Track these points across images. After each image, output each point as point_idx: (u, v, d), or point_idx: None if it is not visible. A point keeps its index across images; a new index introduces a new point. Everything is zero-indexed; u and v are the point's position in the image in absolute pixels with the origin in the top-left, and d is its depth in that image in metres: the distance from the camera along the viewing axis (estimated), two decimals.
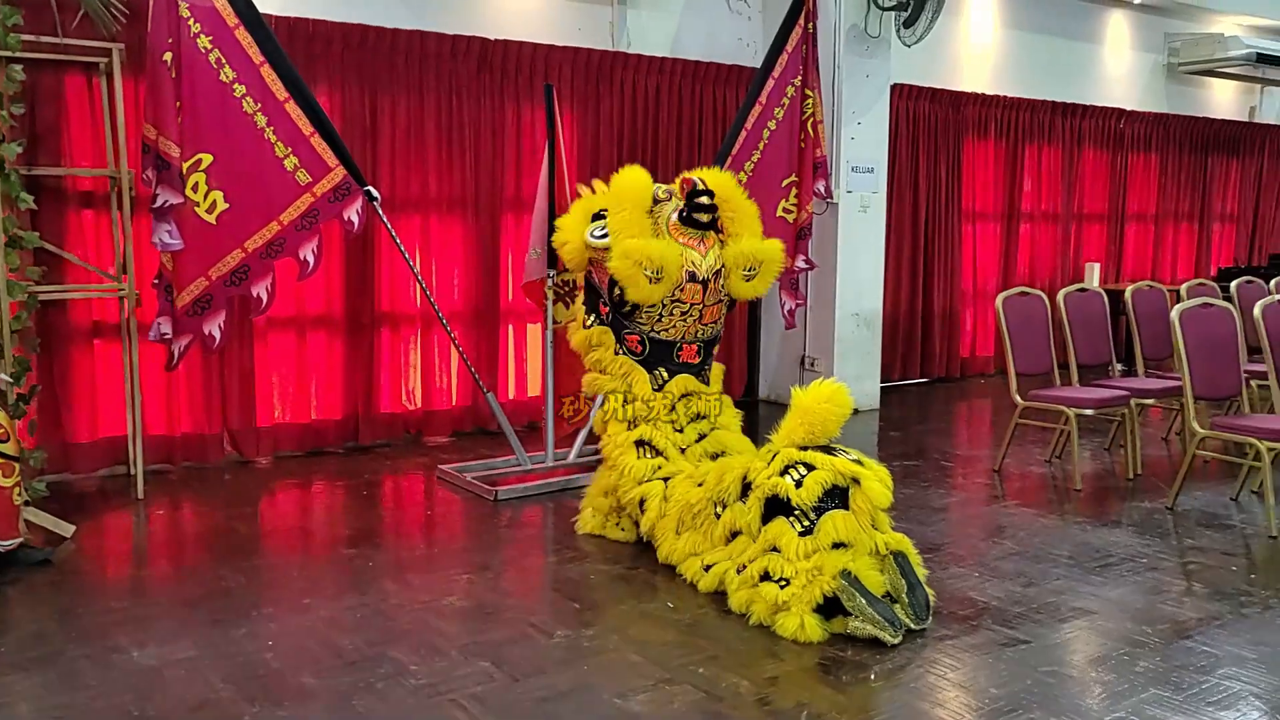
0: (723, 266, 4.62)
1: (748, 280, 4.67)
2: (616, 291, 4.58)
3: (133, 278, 5.26)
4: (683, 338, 4.66)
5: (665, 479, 4.43)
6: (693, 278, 4.53)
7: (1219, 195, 11.13)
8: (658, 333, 4.62)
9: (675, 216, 4.60)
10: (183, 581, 4.16)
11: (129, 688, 3.21)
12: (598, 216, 4.68)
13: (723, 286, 4.66)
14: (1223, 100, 11.13)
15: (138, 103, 5.25)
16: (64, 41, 5.03)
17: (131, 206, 5.28)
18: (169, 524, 4.96)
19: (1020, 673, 3.37)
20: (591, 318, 4.80)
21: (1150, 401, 6.24)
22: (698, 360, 4.72)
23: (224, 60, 4.89)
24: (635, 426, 4.58)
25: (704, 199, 4.57)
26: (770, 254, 4.69)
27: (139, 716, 3.03)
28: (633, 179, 4.69)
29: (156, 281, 5.04)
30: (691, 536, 4.20)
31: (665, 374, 4.65)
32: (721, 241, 4.65)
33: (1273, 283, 7.39)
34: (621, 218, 4.56)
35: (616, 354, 4.69)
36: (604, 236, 4.59)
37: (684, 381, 4.65)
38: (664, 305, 4.55)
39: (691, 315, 4.61)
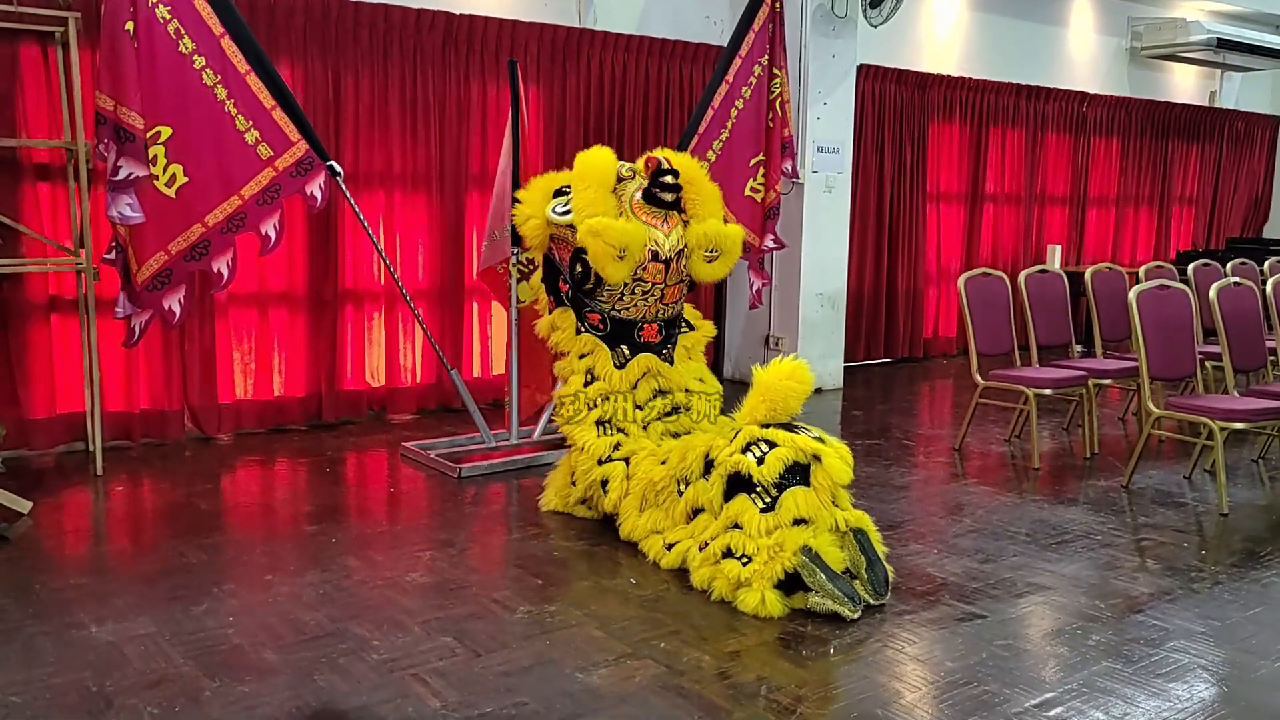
0: (685, 247, 4.63)
1: (709, 263, 4.68)
2: (578, 269, 4.57)
3: (90, 251, 5.19)
4: (643, 317, 4.66)
5: (626, 459, 4.45)
6: (655, 257, 4.53)
7: (1179, 179, 11.28)
8: (619, 311, 4.62)
9: (639, 195, 4.60)
10: (142, 558, 4.13)
11: (87, 664, 3.19)
12: (560, 193, 4.67)
13: (684, 267, 4.68)
14: (1184, 85, 11.26)
15: (94, 73, 5.16)
16: (19, 10, 4.93)
17: (89, 179, 5.20)
18: (128, 500, 4.91)
19: (976, 646, 3.43)
20: (551, 299, 4.80)
21: (1108, 382, 6.34)
22: (659, 339, 4.73)
23: (183, 31, 4.81)
24: (595, 407, 4.59)
25: (668, 178, 4.57)
26: (733, 241, 4.70)
27: (98, 693, 3.01)
28: (597, 157, 4.68)
29: (111, 256, 4.95)
30: (654, 514, 4.22)
31: (627, 352, 4.66)
32: (684, 222, 4.66)
33: (1229, 266, 7.51)
34: (586, 196, 4.55)
35: (579, 333, 4.69)
36: (567, 213, 4.58)
37: (646, 360, 4.66)
38: (626, 284, 4.55)
39: (653, 295, 4.62)
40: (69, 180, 5.32)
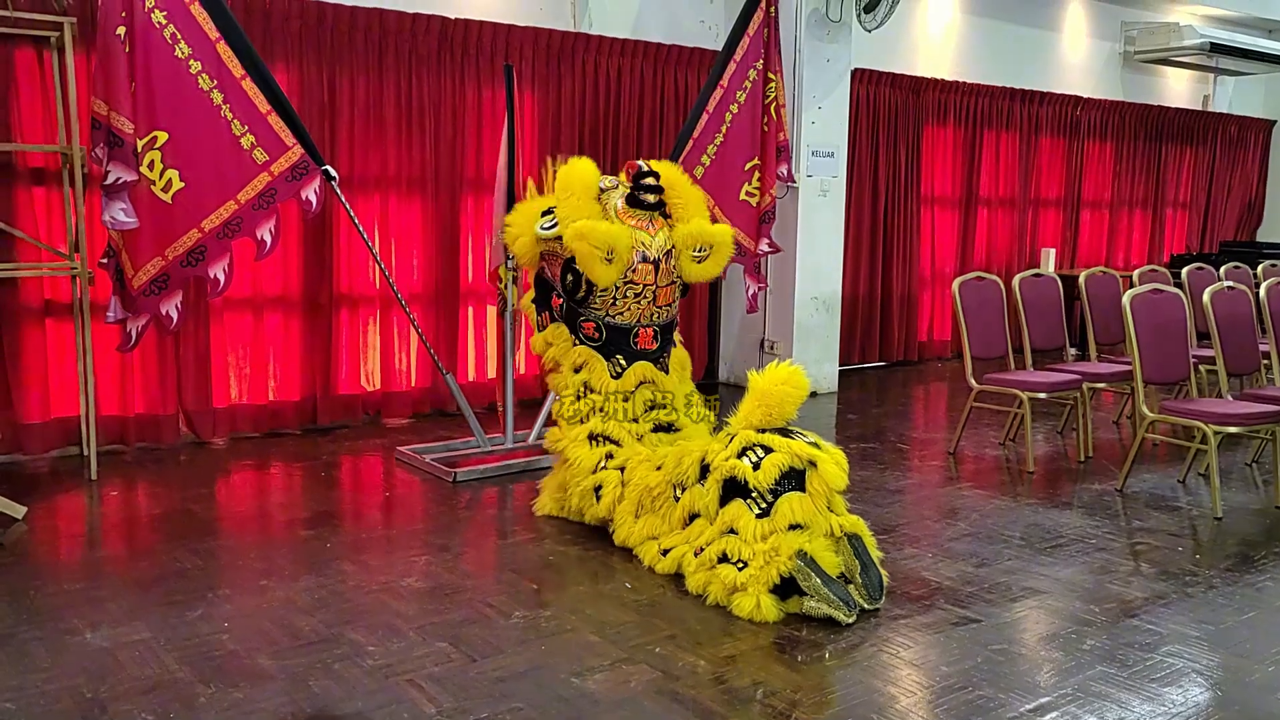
0: (673, 247, 4.65)
1: (698, 262, 4.70)
2: (569, 278, 4.59)
3: (85, 256, 5.18)
4: (638, 321, 4.67)
5: (620, 467, 4.45)
6: (644, 258, 4.57)
7: (1172, 183, 11.31)
8: (613, 317, 4.63)
9: (622, 201, 4.64)
10: (137, 563, 4.12)
11: (82, 670, 3.18)
12: (547, 213, 4.71)
13: (674, 268, 4.70)
14: (1177, 89, 11.29)
15: (90, 78, 5.16)
16: (14, 15, 4.93)
17: (84, 184, 5.20)
18: (123, 505, 4.90)
19: (971, 651, 3.44)
20: (545, 315, 4.81)
21: (1102, 385, 6.35)
22: (655, 346, 4.74)
23: (179, 36, 4.81)
24: (586, 421, 4.60)
25: (649, 179, 4.64)
26: (721, 237, 4.73)
27: (92, 699, 3.01)
28: (578, 168, 4.72)
29: (105, 261, 4.95)
30: (650, 520, 4.23)
31: (623, 361, 4.66)
32: (670, 225, 4.69)
33: (1222, 270, 7.53)
34: (570, 204, 4.58)
35: (574, 345, 4.69)
36: (553, 227, 4.61)
37: (642, 369, 4.67)
38: (617, 288, 4.57)
39: (645, 297, 4.64)
40: (64, 185, 5.32)
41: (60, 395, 5.52)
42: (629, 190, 4.66)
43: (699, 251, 4.67)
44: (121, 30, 4.67)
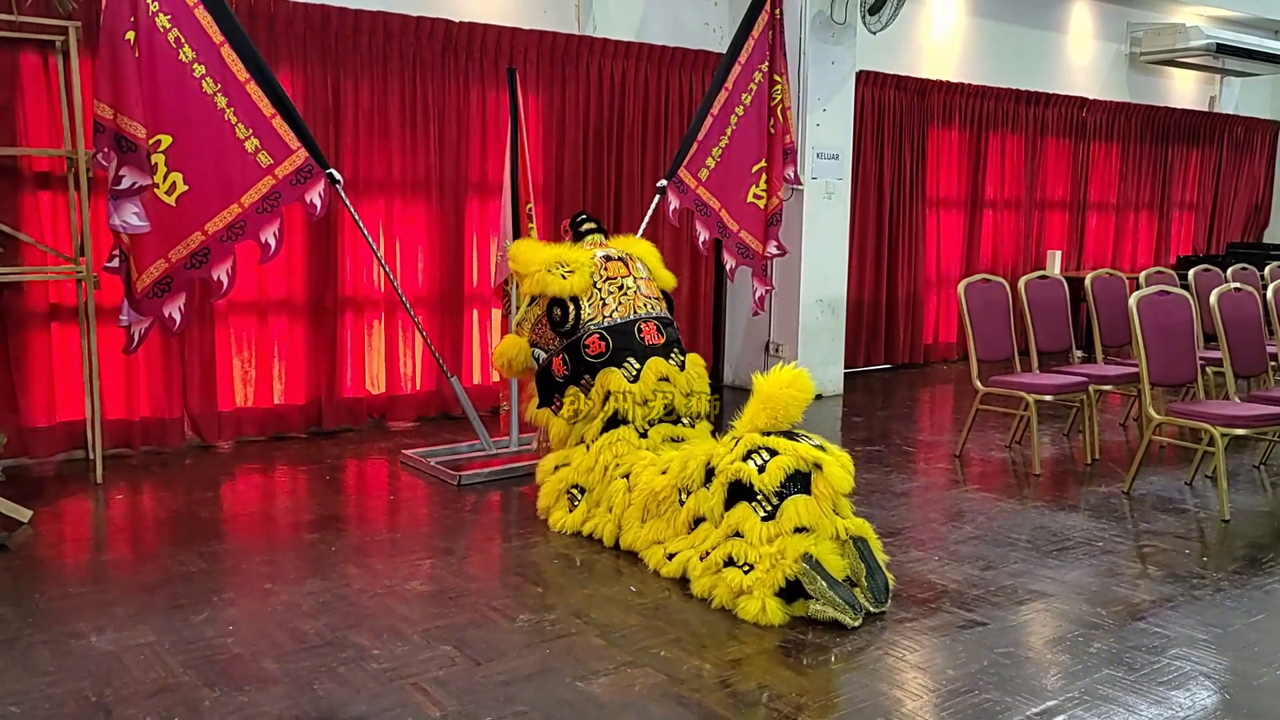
0: (630, 255, 4.98)
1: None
2: (557, 312, 4.76)
3: (90, 260, 5.19)
4: (635, 314, 4.75)
5: (626, 474, 4.45)
6: (607, 257, 4.87)
7: (1179, 184, 11.28)
8: (609, 317, 4.70)
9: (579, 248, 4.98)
10: (142, 567, 4.12)
11: (87, 673, 3.18)
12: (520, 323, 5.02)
13: (642, 266, 4.95)
14: (1183, 90, 11.27)
15: (94, 82, 5.17)
16: (19, 19, 4.94)
17: (89, 188, 5.21)
18: (128, 509, 4.91)
19: (977, 654, 3.42)
20: (555, 401, 4.80)
21: (1108, 387, 6.33)
22: (662, 340, 4.76)
23: (183, 40, 4.82)
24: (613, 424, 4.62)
25: (580, 218, 5.12)
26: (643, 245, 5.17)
27: (97, 702, 3.01)
28: (522, 246, 5.02)
29: (113, 265, 4.96)
30: (655, 524, 4.22)
31: (635, 363, 4.66)
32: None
33: (1229, 271, 7.51)
34: (527, 277, 4.82)
35: (586, 394, 4.70)
36: (526, 302, 4.97)
37: (657, 365, 4.67)
38: (597, 288, 4.75)
39: (629, 288, 4.80)
40: (69, 189, 5.33)
41: (66, 399, 5.53)
42: (572, 237, 5.06)
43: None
44: (131, 35, 4.68)
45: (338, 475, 5.52)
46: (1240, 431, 5.08)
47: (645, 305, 4.80)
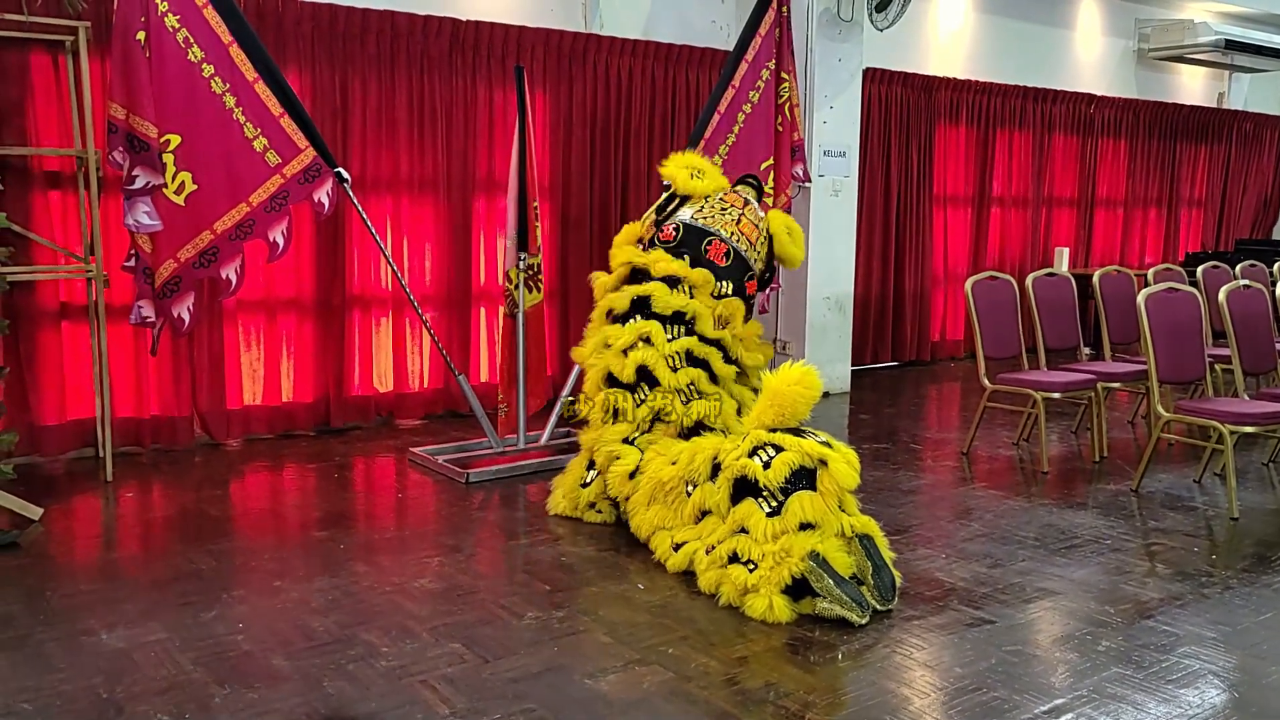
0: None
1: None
2: (664, 198, 5.02)
3: (100, 259, 5.21)
4: (716, 229, 4.86)
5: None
6: (742, 195, 5.01)
7: (1187, 181, 11.24)
8: (692, 218, 4.89)
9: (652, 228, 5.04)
10: (152, 564, 4.14)
11: (98, 670, 3.20)
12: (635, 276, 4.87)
13: (763, 223, 4.98)
14: (1192, 86, 11.23)
15: (105, 82, 5.19)
16: (29, 19, 4.96)
17: (99, 187, 5.23)
18: (138, 507, 4.93)
19: (985, 652, 3.42)
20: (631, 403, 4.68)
21: (1117, 385, 6.31)
22: (725, 264, 4.80)
23: (192, 40, 4.84)
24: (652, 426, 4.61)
25: (662, 199, 5.10)
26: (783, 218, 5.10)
27: (108, 699, 3.02)
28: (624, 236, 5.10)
29: (130, 264, 4.98)
30: (660, 509, 4.24)
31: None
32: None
33: (1238, 268, 7.49)
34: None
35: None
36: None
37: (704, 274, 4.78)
38: (707, 199, 4.93)
39: (731, 215, 4.89)
40: (79, 188, 5.35)
41: (76, 397, 5.55)
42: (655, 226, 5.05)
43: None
44: (141, 35, 4.70)
45: (346, 473, 5.53)
46: (1249, 429, 5.07)
47: (732, 234, 4.83)
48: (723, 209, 4.88)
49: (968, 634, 3.57)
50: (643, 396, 4.56)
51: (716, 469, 3.97)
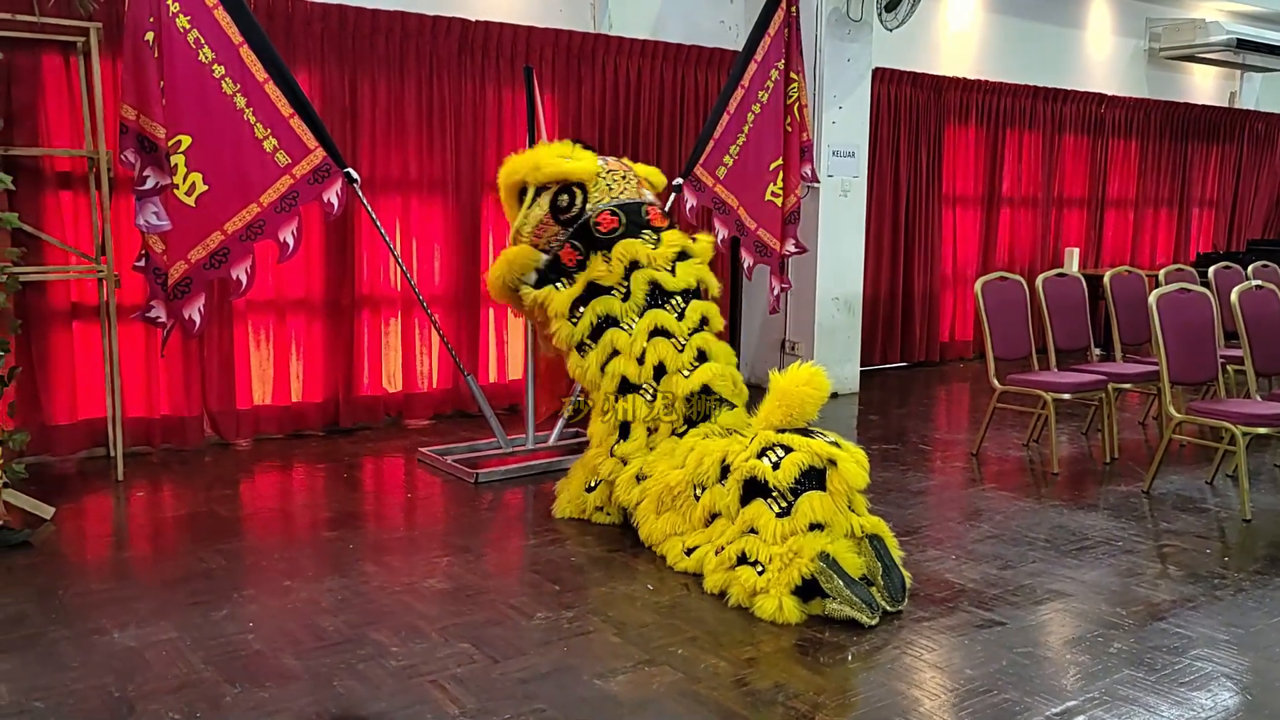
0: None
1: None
2: (563, 198, 4.80)
3: (111, 259, 5.23)
4: (641, 197, 4.89)
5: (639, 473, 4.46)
6: (605, 161, 4.96)
7: (1198, 181, 11.20)
8: (616, 198, 4.82)
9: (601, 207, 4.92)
10: (163, 563, 4.16)
11: (110, 669, 3.21)
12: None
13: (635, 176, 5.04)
14: (1203, 86, 11.19)
15: (116, 83, 5.21)
16: (40, 20, 4.98)
17: (110, 187, 5.25)
18: (149, 506, 4.94)
19: (996, 654, 3.41)
20: (563, 283, 4.80)
21: (1128, 386, 6.29)
22: (667, 225, 4.88)
23: (203, 40, 4.85)
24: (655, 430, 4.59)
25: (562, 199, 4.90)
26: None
27: (120, 698, 3.03)
28: (521, 155, 5.04)
29: (141, 264, 4.99)
30: (671, 516, 4.23)
31: (653, 233, 4.78)
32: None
33: (1250, 268, 7.46)
34: (537, 172, 4.88)
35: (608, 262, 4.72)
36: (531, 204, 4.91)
37: (676, 236, 4.83)
38: (600, 177, 4.83)
39: (631, 180, 4.91)
40: (90, 189, 5.37)
41: (87, 397, 5.57)
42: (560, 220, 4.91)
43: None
44: (150, 36, 4.71)
45: (355, 473, 5.54)
46: (1262, 430, 5.04)
47: (647, 193, 4.95)
48: (622, 176, 4.93)
49: (978, 635, 3.56)
50: (652, 389, 4.56)
51: (725, 471, 3.97)
